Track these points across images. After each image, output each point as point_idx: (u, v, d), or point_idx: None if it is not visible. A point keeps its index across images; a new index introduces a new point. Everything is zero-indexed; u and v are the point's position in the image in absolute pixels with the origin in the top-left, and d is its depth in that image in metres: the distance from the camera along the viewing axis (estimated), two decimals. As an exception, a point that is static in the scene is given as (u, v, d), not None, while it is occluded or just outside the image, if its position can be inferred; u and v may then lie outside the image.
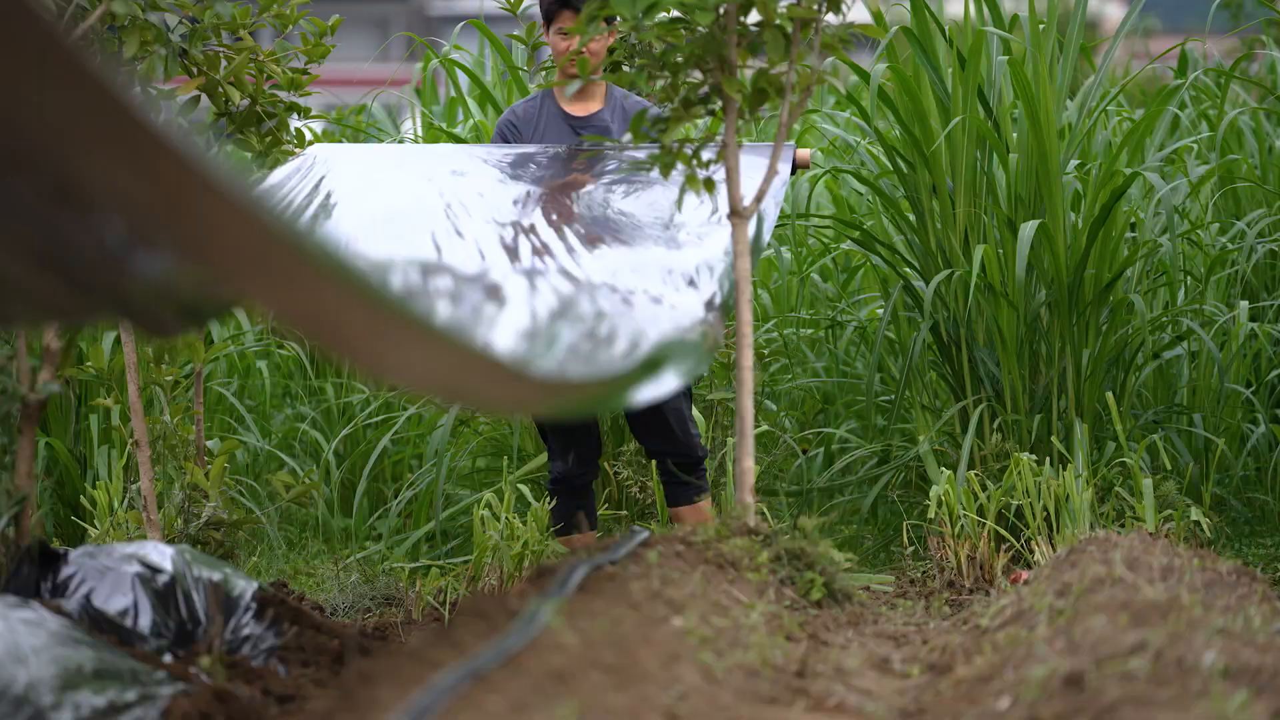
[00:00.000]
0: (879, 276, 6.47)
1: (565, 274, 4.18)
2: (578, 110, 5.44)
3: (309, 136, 5.42)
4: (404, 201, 4.90)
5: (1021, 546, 5.42)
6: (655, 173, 4.54)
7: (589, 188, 5.00)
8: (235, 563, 5.24)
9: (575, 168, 5.16)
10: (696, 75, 4.44)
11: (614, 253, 4.49)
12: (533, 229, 4.63)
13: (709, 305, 4.26)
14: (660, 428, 5.36)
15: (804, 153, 5.33)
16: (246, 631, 3.86)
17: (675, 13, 4.33)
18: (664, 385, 3.58)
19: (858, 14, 9.30)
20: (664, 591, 3.49)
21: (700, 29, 4.30)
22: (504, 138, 5.43)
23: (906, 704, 3.23)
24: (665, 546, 3.91)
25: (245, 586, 3.91)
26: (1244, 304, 6.20)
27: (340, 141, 9.17)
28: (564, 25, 5.33)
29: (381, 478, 6.92)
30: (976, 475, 5.54)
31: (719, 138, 4.43)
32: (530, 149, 5.28)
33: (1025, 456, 5.39)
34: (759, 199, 4.36)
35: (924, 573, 5.61)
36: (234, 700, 3.29)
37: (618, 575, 3.57)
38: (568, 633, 3.02)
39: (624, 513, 5.96)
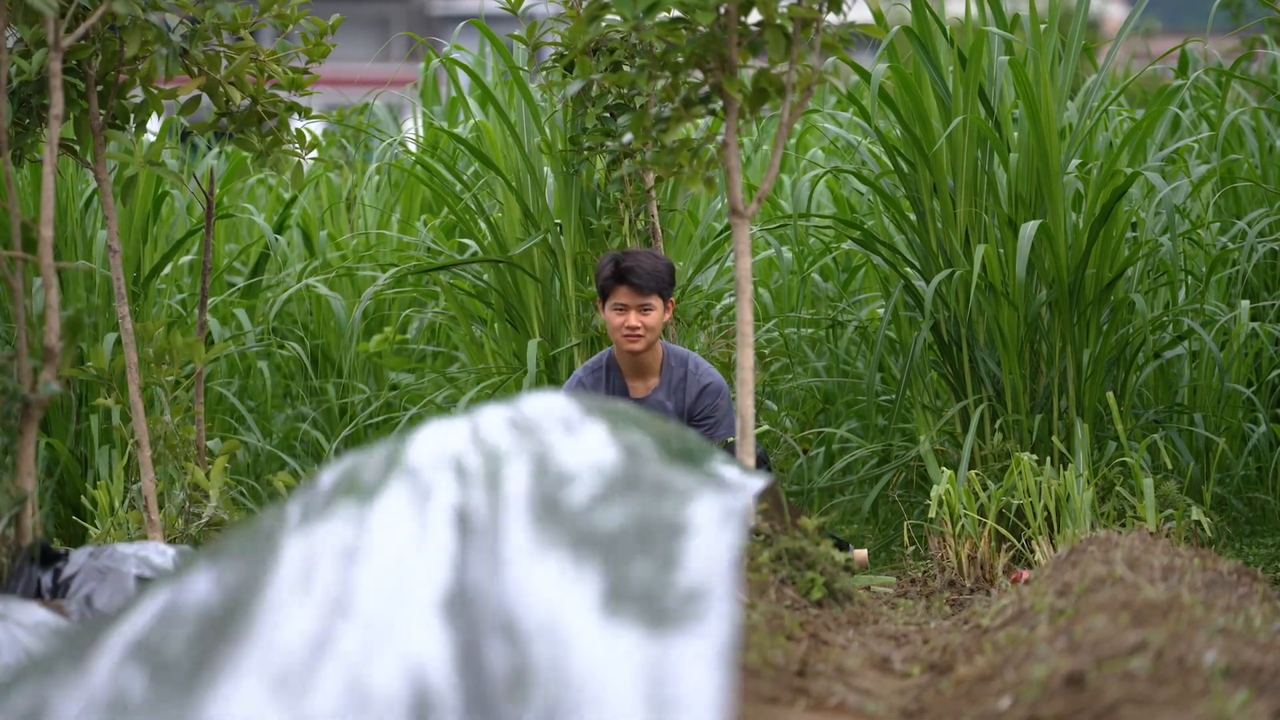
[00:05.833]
0: (880, 276, 6.47)
1: None
2: (638, 389, 5.44)
3: (309, 137, 5.42)
4: None
5: (1022, 546, 5.42)
6: None
7: None
8: (236, 563, 5.23)
9: None
10: (697, 75, 4.44)
11: None
12: None
13: None
14: None
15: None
16: (247, 631, 3.86)
17: (676, 12, 4.33)
18: None
19: (859, 13, 9.31)
20: (665, 591, 3.48)
21: (701, 29, 4.30)
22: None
23: (907, 703, 3.23)
24: (666, 546, 3.90)
25: (246, 586, 3.91)
26: (1245, 303, 6.20)
27: (341, 141, 9.19)
28: (620, 300, 5.31)
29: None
30: (977, 475, 5.54)
31: (720, 137, 4.43)
32: None
33: (1026, 456, 5.39)
34: (760, 199, 4.36)
35: (925, 572, 5.61)
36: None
37: (618, 575, 3.57)
38: (568, 632, 3.01)
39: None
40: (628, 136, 5.69)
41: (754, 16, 4.30)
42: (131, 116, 5.09)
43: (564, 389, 5.44)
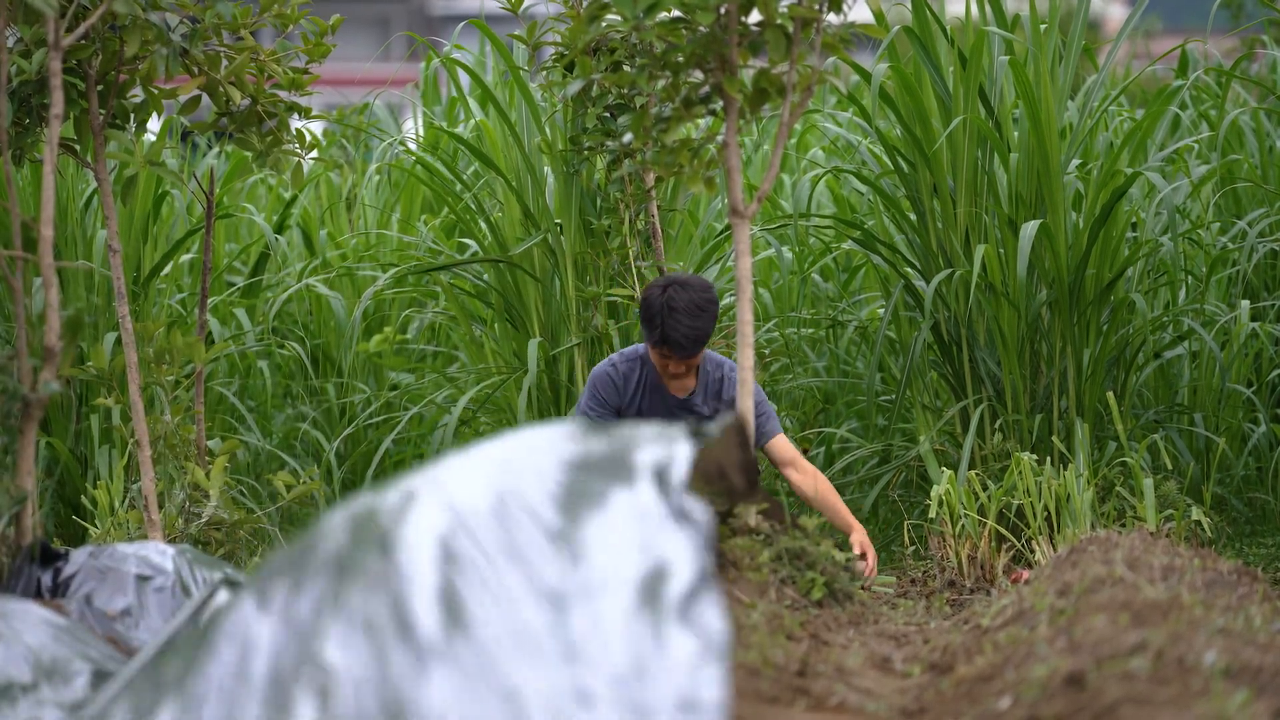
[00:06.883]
0: (880, 276, 6.47)
1: None
2: (677, 389, 5.37)
3: (309, 137, 5.42)
4: None
5: (1022, 546, 5.43)
6: None
7: None
8: (237, 563, 5.24)
9: None
10: (697, 75, 4.44)
11: None
12: None
13: None
14: None
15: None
16: (247, 631, 3.86)
17: (676, 12, 4.33)
18: None
19: (859, 13, 9.31)
20: (665, 591, 3.48)
21: (701, 28, 4.30)
22: (611, 386, 5.36)
23: (907, 703, 3.23)
24: (666, 546, 3.90)
25: (246, 586, 3.91)
26: (1245, 303, 6.20)
27: (341, 141, 9.20)
28: (668, 353, 5.21)
29: (383, 478, 6.92)
30: (977, 475, 5.54)
31: (720, 137, 4.42)
32: None
33: (1026, 456, 5.39)
34: (760, 199, 4.36)
35: (925, 572, 5.61)
36: (235, 700, 3.28)
37: (619, 575, 3.57)
38: (569, 632, 3.01)
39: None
40: (628, 136, 5.69)
41: (754, 16, 4.29)
42: (132, 116, 5.09)
43: (594, 374, 5.38)
